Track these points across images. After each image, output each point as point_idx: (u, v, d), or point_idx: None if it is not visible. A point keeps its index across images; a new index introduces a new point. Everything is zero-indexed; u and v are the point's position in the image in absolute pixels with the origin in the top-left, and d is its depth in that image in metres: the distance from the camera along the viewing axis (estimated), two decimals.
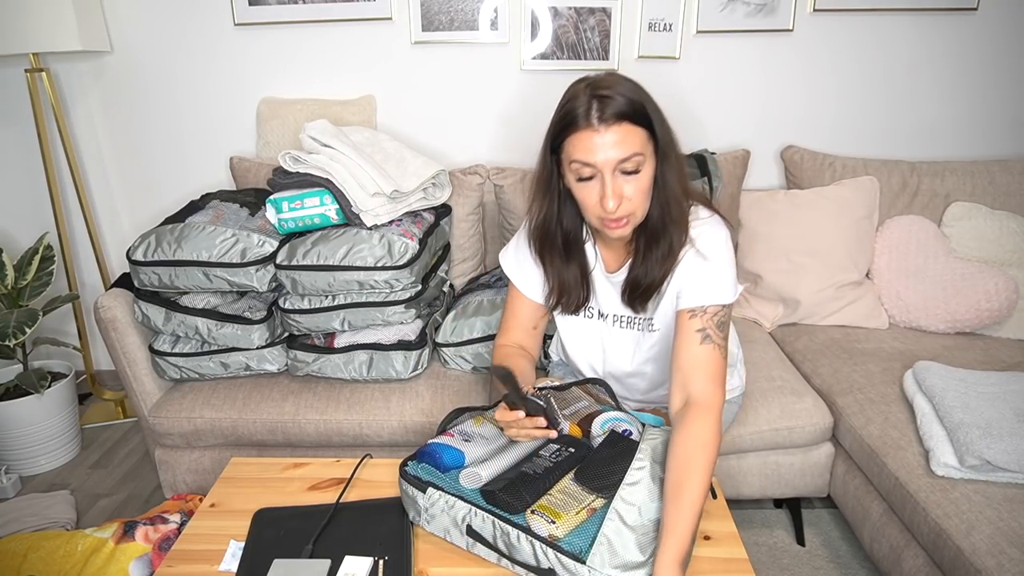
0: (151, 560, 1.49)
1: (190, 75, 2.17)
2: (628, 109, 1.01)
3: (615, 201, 1.04)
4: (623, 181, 1.04)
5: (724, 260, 1.11)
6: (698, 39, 2.09)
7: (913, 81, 2.14)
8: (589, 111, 1.01)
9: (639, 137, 1.03)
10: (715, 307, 1.09)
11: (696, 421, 0.99)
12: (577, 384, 1.24)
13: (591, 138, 1.02)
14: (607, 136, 1.01)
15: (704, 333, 1.07)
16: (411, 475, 1.01)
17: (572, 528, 0.89)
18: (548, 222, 1.19)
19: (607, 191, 1.03)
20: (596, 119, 1.01)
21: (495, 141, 2.21)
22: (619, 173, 1.04)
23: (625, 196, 1.05)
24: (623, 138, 1.01)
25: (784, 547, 1.70)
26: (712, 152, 2.01)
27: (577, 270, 1.23)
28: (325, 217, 1.64)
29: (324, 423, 1.62)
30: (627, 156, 1.02)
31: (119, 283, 1.72)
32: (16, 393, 2.03)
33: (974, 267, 1.87)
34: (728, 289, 1.10)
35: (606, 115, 1.01)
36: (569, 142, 1.05)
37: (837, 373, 1.70)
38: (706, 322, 1.08)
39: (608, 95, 1.01)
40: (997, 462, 1.26)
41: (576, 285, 1.24)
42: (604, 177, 1.03)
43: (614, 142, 1.01)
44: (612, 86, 1.03)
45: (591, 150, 1.02)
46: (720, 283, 1.10)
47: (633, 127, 1.02)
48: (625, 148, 1.01)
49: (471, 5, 2.05)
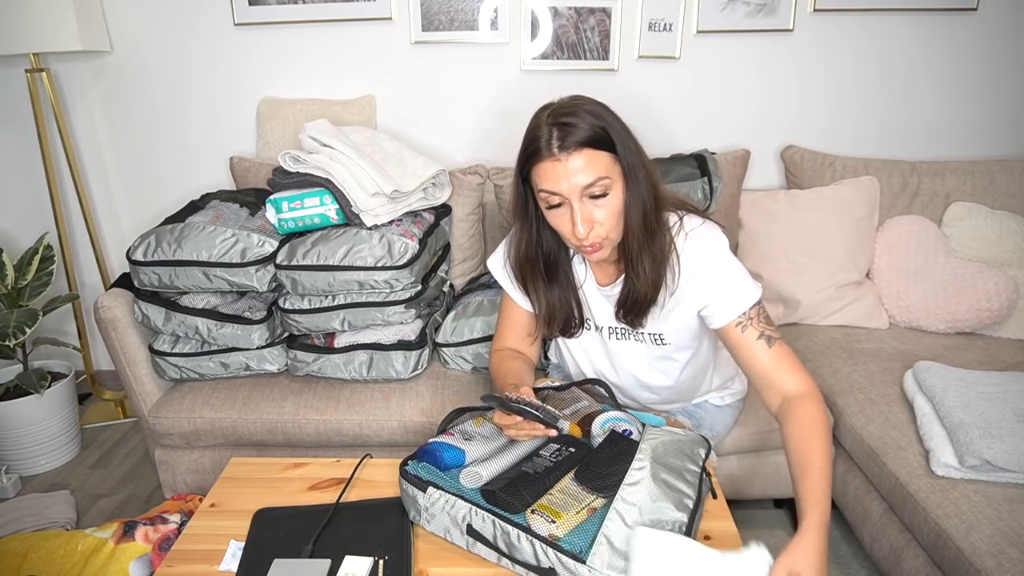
0: (151, 560, 1.49)
1: (190, 75, 2.17)
2: (590, 135, 1.01)
3: (585, 227, 1.04)
4: (592, 206, 1.04)
5: (734, 263, 1.12)
6: (698, 39, 2.09)
7: (913, 81, 2.14)
8: (551, 140, 1.02)
9: (603, 161, 1.03)
10: (755, 308, 1.11)
11: (802, 407, 1.02)
12: (576, 384, 1.24)
13: (554, 167, 1.02)
14: (570, 164, 1.01)
15: (764, 336, 1.09)
16: (411, 474, 1.01)
17: (572, 528, 0.89)
18: (529, 247, 1.19)
19: (576, 218, 1.04)
20: (557, 148, 1.01)
21: (495, 141, 2.21)
22: (587, 199, 1.04)
23: (596, 221, 1.05)
24: (586, 164, 1.01)
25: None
26: (712, 152, 2.01)
27: (561, 292, 1.23)
28: (325, 217, 1.64)
29: (324, 423, 1.62)
30: (592, 182, 1.02)
31: (119, 283, 1.72)
32: (16, 393, 2.03)
33: (974, 267, 1.87)
34: (751, 286, 1.12)
35: (567, 143, 1.01)
36: (535, 172, 1.06)
37: (837, 373, 1.70)
38: (757, 326, 1.09)
39: (569, 122, 1.02)
40: (997, 462, 1.26)
41: (564, 307, 1.23)
42: (572, 204, 1.04)
43: (578, 169, 1.01)
44: (574, 112, 1.03)
45: (555, 179, 1.03)
46: (743, 285, 1.11)
47: (596, 152, 1.02)
48: (589, 174, 1.02)
49: (471, 5, 2.05)
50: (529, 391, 1.06)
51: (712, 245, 1.12)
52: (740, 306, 1.10)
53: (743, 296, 1.10)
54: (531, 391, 1.07)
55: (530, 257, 1.20)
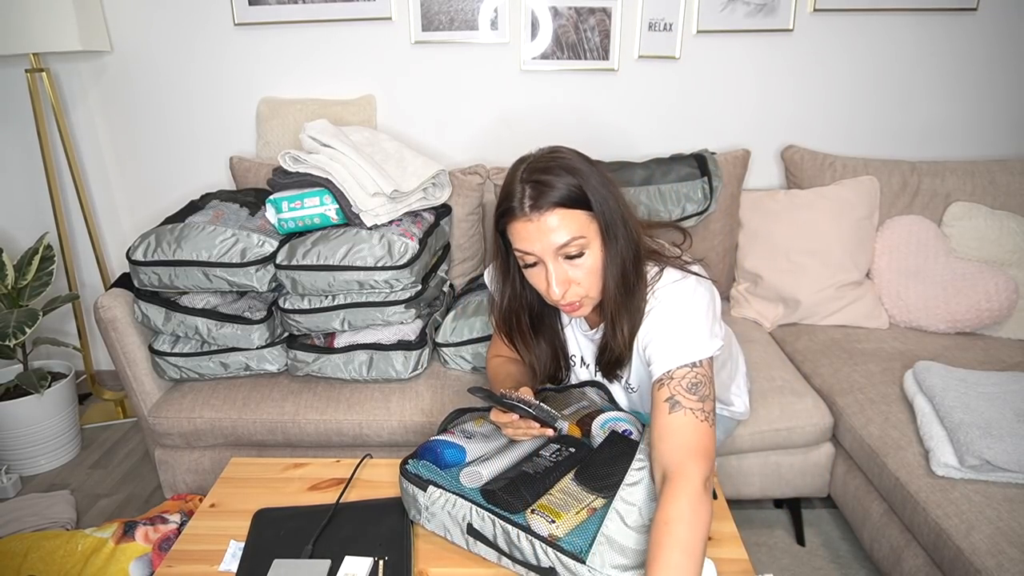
0: (151, 560, 1.49)
1: (190, 75, 2.17)
2: (564, 194, 0.97)
3: (560, 288, 1.00)
4: (567, 266, 1.00)
5: (687, 316, 1.02)
6: (698, 39, 2.09)
7: (913, 81, 2.14)
8: (523, 199, 0.98)
9: (578, 221, 0.98)
10: (683, 370, 0.97)
11: (666, 497, 0.87)
12: (574, 387, 1.24)
13: (527, 227, 0.98)
14: (543, 224, 0.97)
15: (672, 401, 0.95)
16: (412, 473, 1.01)
17: (572, 528, 0.89)
18: (512, 302, 1.17)
19: (551, 279, 1.00)
20: (529, 207, 0.97)
21: (495, 141, 2.21)
22: (562, 259, 1.00)
23: (572, 280, 1.01)
24: (560, 224, 0.97)
25: (784, 547, 1.70)
26: (712, 152, 2.01)
27: (547, 344, 1.21)
28: (325, 217, 1.64)
29: (324, 423, 1.62)
30: (566, 242, 0.98)
31: (119, 283, 1.72)
32: (16, 393, 2.03)
33: (974, 267, 1.87)
34: (694, 346, 0.99)
35: (540, 203, 0.97)
36: (509, 230, 1.02)
37: (837, 373, 1.70)
38: (673, 389, 0.96)
39: (542, 180, 0.97)
40: (997, 462, 1.26)
41: (551, 358, 1.22)
42: (547, 264, 1.00)
43: (551, 229, 0.97)
44: (548, 169, 0.98)
45: (528, 239, 0.99)
46: (683, 342, 1.00)
47: (570, 211, 0.97)
48: (563, 234, 0.97)
49: (471, 5, 2.05)
50: (528, 391, 1.06)
51: (673, 296, 1.04)
52: (672, 362, 0.98)
53: (680, 353, 0.99)
54: (530, 391, 1.07)
55: (514, 310, 1.18)
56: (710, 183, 1.91)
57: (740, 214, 2.07)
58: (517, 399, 0.99)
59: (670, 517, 0.84)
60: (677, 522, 0.84)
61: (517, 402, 0.98)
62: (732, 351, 1.41)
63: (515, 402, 0.98)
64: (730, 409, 1.45)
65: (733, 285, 2.12)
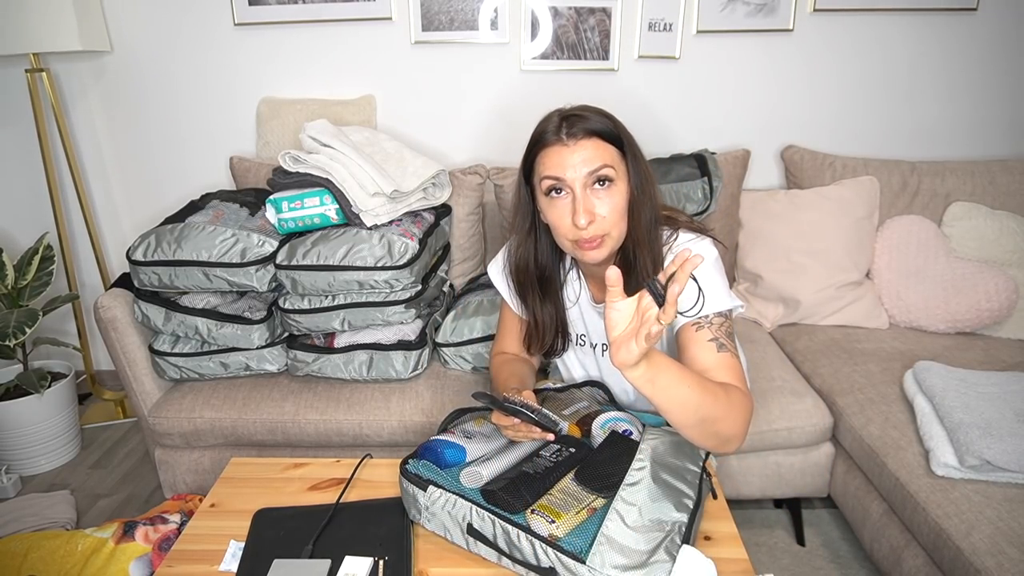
0: (151, 560, 1.49)
1: (190, 75, 2.17)
2: (599, 127, 1.03)
3: (586, 217, 1.01)
4: (595, 197, 1.03)
5: (713, 272, 1.06)
6: (698, 39, 2.09)
7: (913, 81, 2.14)
8: (559, 128, 1.03)
9: (610, 152, 1.03)
10: (718, 318, 1.04)
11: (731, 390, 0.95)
12: (575, 387, 1.24)
13: (560, 152, 1.02)
14: (576, 150, 1.01)
15: (718, 342, 1.01)
16: (412, 473, 1.01)
17: (572, 528, 0.89)
18: (527, 257, 1.18)
19: (578, 207, 1.01)
20: (565, 134, 1.02)
21: (495, 141, 2.21)
22: (589, 189, 1.02)
23: (597, 213, 1.02)
24: (593, 152, 1.02)
25: (784, 547, 1.70)
26: (712, 152, 2.01)
27: (552, 311, 1.21)
28: (325, 217, 1.64)
29: (324, 423, 1.62)
30: (597, 167, 1.01)
31: (119, 283, 1.72)
32: (16, 393, 2.03)
33: (974, 267, 1.87)
34: (722, 297, 1.05)
35: (575, 130, 1.02)
36: (539, 160, 1.05)
37: (837, 373, 1.70)
38: (715, 332, 1.02)
39: (579, 114, 1.04)
40: (997, 462, 1.26)
41: (551, 325, 1.22)
42: (575, 193, 1.02)
43: (584, 158, 1.01)
44: (585, 108, 1.05)
45: (560, 164, 1.02)
46: (713, 293, 1.04)
47: (603, 143, 1.03)
48: (595, 161, 1.01)
49: (471, 5, 2.05)
50: (531, 395, 1.06)
51: (695, 248, 1.07)
52: (707, 308, 1.04)
53: (712, 301, 1.04)
54: (532, 395, 1.07)
55: (528, 268, 1.19)
56: (710, 183, 1.91)
57: (740, 214, 2.07)
58: (520, 403, 1.00)
59: (740, 401, 0.95)
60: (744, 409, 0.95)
61: (520, 407, 0.99)
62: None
63: (518, 407, 0.99)
64: None
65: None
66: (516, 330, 1.31)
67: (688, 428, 0.91)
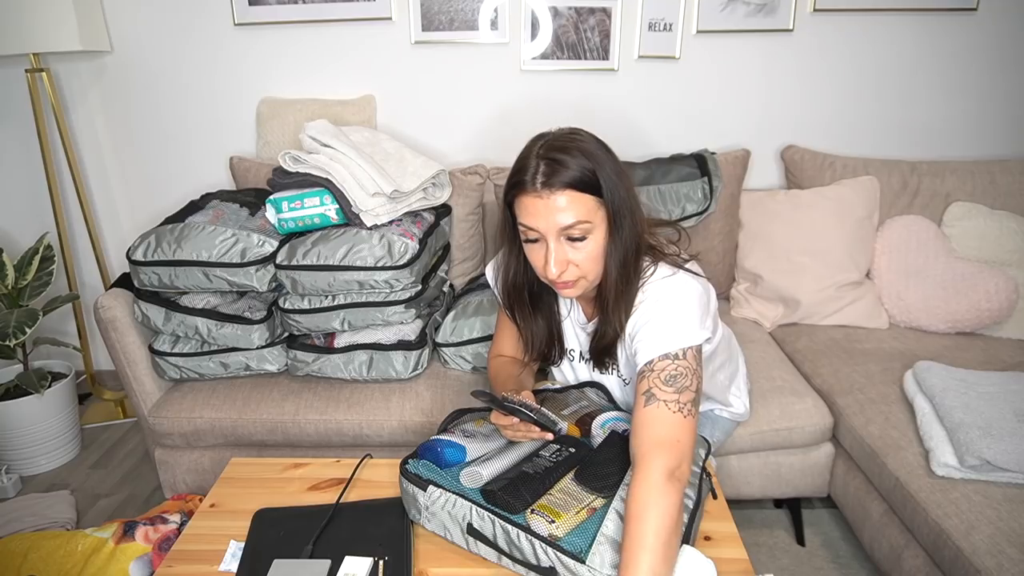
0: (151, 560, 1.49)
1: (190, 75, 2.17)
2: (577, 176, 0.98)
3: (557, 268, 1.01)
4: (568, 247, 1.01)
5: (672, 309, 1.02)
6: (698, 39, 2.09)
7: (913, 81, 2.14)
8: (536, 175, 0.99)
9: (587, 205, 0.99)
10: (663, 362, 0.97)
11: (631, 489, 0.88)
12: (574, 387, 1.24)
13: (535, 203, 0.99)
14: (552, 203, 0.98)
15: (648, 394, 0.95)
16: (412, 473, 1.01)
17: (572, 528, 0.89)
18: (516, 275, 1.17)
19: (549, 257, 1.01)
20: (540, 184, 0.98)
21: (495, 141, 2.21)
22: (564, 239, 1.01)
23: (571, 262, 1.02)
24: (569, 206, 0.98)
25: (784, 547, 1.70)
26: (712, 152, 2.01)
27: (544, 324, 1.21)
28: (325, 217, 1.64)
29: (324, 423, 1.62)
30: (571, 224, 0.99)
31: (119, 283, 1.72)
32: (16, 393, 2.03)
33: (974, 267, 1.87)
34: (675, 336, 0.99)
35: (552, 181, 0.98)
36: (517, 203, 1.03)
37: (837, 373, 1.70)
38: (651, 381, 0.96)
39: (558, 159, 0.98)
40: (997, 462, 1.26)
41: (544, 336, 1.22)
42: (548, 243, 1.01)
43: (559, 209, 0.98)
44: (566, 149, 0.99)
45: (535, 215, 1.00)
46: (664, 333, 1.00)
47: (581, 195, 0.98)
48: (570, 216, 0.98)
49: (471, 5, 2.05)
50: (529, 395, 1.06)
51: (661, 290, 1.05)
52: (651, 352, 0.99)
53: (659, 343, 0.99)
54: (531, 395, 1.07)
55: (516, 284, 1.18)
56: (710, 183, 1.91)
57: (740, 214, 2.06)
58: (519, 403, 1.00)
59: (631, 513, 0.85)
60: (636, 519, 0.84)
61: (519, 406, 0.99)
62: (732, 352, 1.41)
63: (517, 406, 0.99)
64: (729, 411, 1.45)
65: (733, 285, 2.12)
66: (513, 332, 1.31)
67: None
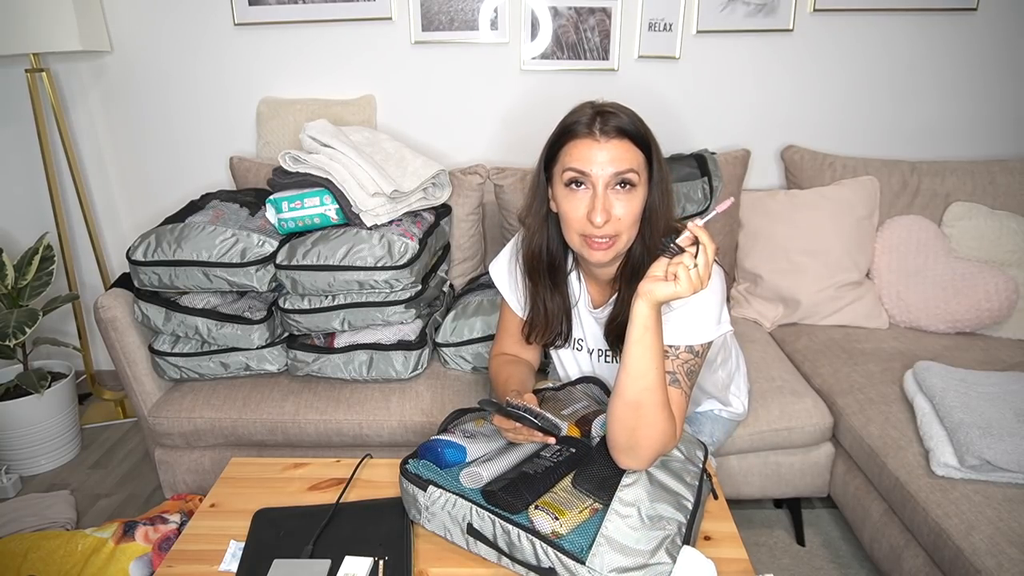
0: (151, 560, 1.49)
1: (190, 75, 2.17)
2: (631, 128, 1.03)
3: (603, 216, 1.01)
4: (614, 197, 1.03)
5: (700, 302, 1.04)
6: (698, 39, 2.09)
7: (913, 81, 2.14)
8: (592, 122, 1.03)
9: (637, 157, 1.03)
10: (687, 352, 1.02)
11: None
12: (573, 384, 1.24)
13: (590, 147, 1.02)
14: (606, 147, 1.01)
15: (673, 376, 1.00)
16: (412, 473, 1.01)
17: (576, 525, 0.89)
18: (540, 245, 1.17)
19: (596, 204, 1.01)
20: (598, 130, 1.02)
21: (495, 141, 2.21)
22: (611, 189, 1.03)
23: (614, 214, 1.03)
24: (622, 153, 1.02)
25: (784, 547, 1.70)
26: (712, 152, 2.01)
27: (561, 301, 1.21)
28: (325, 217, 1.64)
29: (324, 423, 1.62)
30: (624, 169, 1.01)
31: (119, 283, 1.72)
32: (16, 393, 2.03)
33: (974, 267, 1.87)
34: (701, 330, 1.03)
35: (608, 127, 1.02)
36: (566, 150, 1.04)
37: (837, 373, 1.70)
38: (676, 366, 1.01)
39: (613, 111, 1.03)
40: (997, 462, 1.26)
41: (557, 314, 1.22)
42: (596, 190, 1.02)
43: (612, 156, 1.01)
44: (621, 108, 1.05)
45: (588, 159, 1.02)
46: (693, 324, 1.03)
47: (633, 146, 1.03)
48: (622, 162, 1.01)
49: (471, 5, 2.05)
50: (532, 398, 1.06)
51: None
52: (679, 339, 1.02)
53: (687, 333, 1.02)
54: (534, 398, 1.07)
55: (541, 254, 1.18)
56: (710, 183, 1.91)
57: (740, 214, 2.06)
58: (523, 408, 1.00)
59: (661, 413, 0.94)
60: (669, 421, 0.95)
61: (523, 412, 0.99)
62: (732, 352, 1.41)
63: (521, 412, 0.99)
64: (728, 410, 1.45)
65: (733, 285, 2.12)
66: (516, 331, 1.30)
67: (621, 405, 0.94)
